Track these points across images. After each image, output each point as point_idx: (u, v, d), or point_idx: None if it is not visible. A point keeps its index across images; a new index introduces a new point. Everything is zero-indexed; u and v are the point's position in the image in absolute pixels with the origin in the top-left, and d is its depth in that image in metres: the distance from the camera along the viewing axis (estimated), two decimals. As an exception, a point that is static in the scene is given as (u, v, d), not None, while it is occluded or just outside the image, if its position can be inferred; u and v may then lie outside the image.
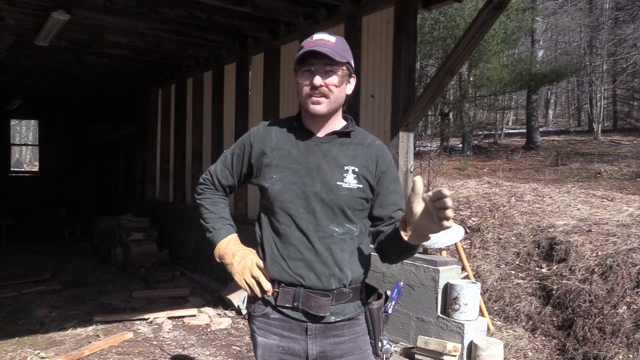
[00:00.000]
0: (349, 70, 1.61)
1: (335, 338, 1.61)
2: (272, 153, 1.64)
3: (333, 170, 1.58)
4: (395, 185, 1.67)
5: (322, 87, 1.55)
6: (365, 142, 1.66)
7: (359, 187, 1.58)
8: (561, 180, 10.54)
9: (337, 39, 1.60)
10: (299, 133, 1.65)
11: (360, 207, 1.61)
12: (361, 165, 1.60)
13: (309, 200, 1.58)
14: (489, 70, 13.22)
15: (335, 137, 1.63)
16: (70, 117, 11.62)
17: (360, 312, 1.65)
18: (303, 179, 1.59)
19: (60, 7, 4.46)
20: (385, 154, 1.67)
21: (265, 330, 1.64)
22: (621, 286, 4.01)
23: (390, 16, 4.03)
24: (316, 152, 1.61)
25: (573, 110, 24.93)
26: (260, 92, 5.63)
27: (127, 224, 7.41)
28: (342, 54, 1.56)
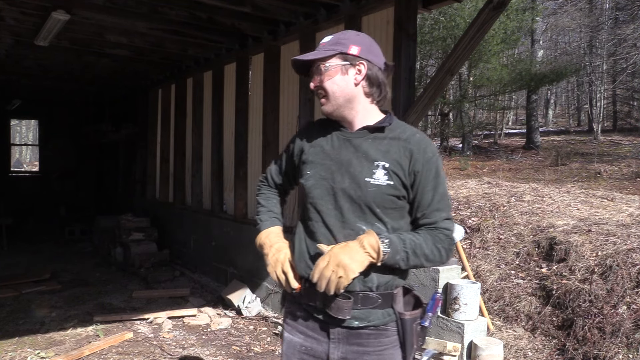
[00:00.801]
0: (346, 59, 1.54)
1: (359, 347, 1.54)
2: (310, 150, 1.65)
3: (363, 165, 1.53)
4: (435, 183, 1.54)
5: (316, 88, 1.57)
6: (402, 136, 1.56)
7: (389, 183, 1.50)
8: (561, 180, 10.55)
9: (335, 35, 1.61)
10: (334, 129, 1.64)
11: (392, 205, 1.53)
12: (393, 160, 1.52)
13: (337, 197, 1.54)
14: (489, 70, 13.23)
15: (367, 132, 1.58)
16: (70, 117, 11.62)
17: (390, 321, 1.55)
18: (333, 175, 1.56)
19: (60, 7, 4.46)
20: (424, 149, 1.54)
21: (292, 327, 1.66)
22: (621, 286, 4.01)
23: (390, 16, 4.03)
24: (348, 147, 1.58)
25: (573, 110, 24.93)
26: (260, 92, 5.63)
27: (127, 224, 7.41)
28: (327, 49, 1.55)
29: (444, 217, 1.54)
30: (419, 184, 1.52)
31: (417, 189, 1.53)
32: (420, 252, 1.48)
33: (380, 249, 1.42)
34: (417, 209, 1.55)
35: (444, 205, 1.54)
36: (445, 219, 1.54)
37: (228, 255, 6.02)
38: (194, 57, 6.65)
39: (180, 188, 7.66)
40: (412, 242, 1.48)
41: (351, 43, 1.56)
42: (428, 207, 1.53)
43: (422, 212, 1.54)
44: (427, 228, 1.53)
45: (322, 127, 1.67)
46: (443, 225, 1.53)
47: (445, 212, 1.54)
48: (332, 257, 1.43)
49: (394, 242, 1.46)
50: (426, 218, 1.54)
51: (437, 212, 1.53)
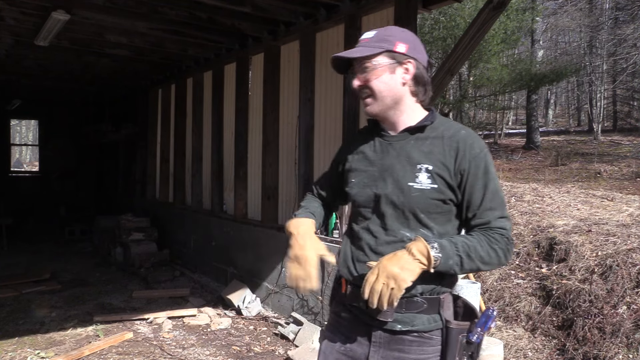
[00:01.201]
0: (393, 57, 1.47)
1: (400, 353, 1.49)
2: (352, 157, 1.62)
3: (405, 169, 1.47)
4: (485, 180, 1.45)
5: (361, 87, 1.50)
6: (446, 134, 1.49)
7: (433, 187, 1.43)
8: (561, 180, 10.55)
9: (379, 30, 1.52)
10: (376, 134, 1.59)
11: (438, 209, 1.46)
12: (437, 162, 1.45)
13: (380, 203, 1.50)
14: (489, 70, 13.22)
15: (409, 134, 1.52)
16: (70, 117, 11.62)
17: (435, 328, 1.47)
18: (376, 182, 1.52)
19: (60, 7, 4.46)
20: (470, 145, 1.45)
21: (335, 327, 1.64)
22: (621, 286, 4.01)
23: (390, 16, 4.03)
24: (390, 151, 1.53)
25: (573, 110, 24.93)
26: (260, 92, 5.63)
27: (127, 224, 7.41)
28: (374, 46, 1.47)
29: (497, 215, 1.44)
30: (468, 182, 1.44)
31: (466, 188, 1.45)
32: (475, 255, 1.39)
33: (430, 255, 1.35)
34: (468, 210, 1.46)
35: (496, 204, 1.45)
36: (499, 218, 1.44)
37: (228, 255, 6.01)
38: (194, 57, 6.65)
39: (180, 188, 7.66)
40: (465, 245, 1.39)
41: (397, 40, 1.48)
42: (479, 206, 1.44)
43: (473, 213, 1.45)
44: (480, 229, 1.45)
45: (365, 134, 1.64)
46: (497, 225, 1.44)
47: (498, 210, 1.45)
48: (381, 270, 1.35)
49: (445, 247, 1.38)
50: (478, 218, 1.45)
51: (490, 211, 1.44)
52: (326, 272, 4.34)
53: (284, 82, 5.36)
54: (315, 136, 4.86)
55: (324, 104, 4.78)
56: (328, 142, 4.74)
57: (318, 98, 4.83)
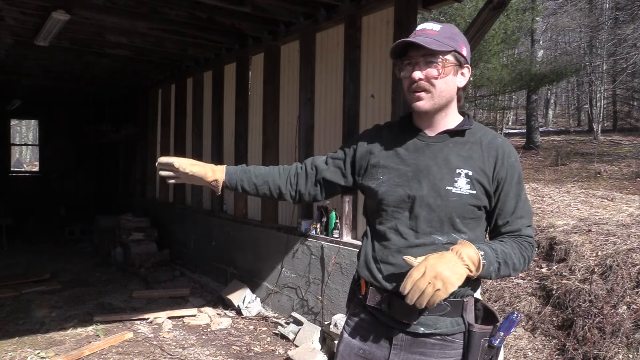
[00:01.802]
0: (458, 59, 1.46)
1: (421, 356, 1.47)
2: (380, 153, 1.56)
3: (443, 173, 1.44)
4: (518, 189, 1.48)
5: (421, 80, 1.43)
6: (484, 140, 1.48)
7: (471, 193, 1.42)
8: (561, 180, 10.55)
9: (444, 26, 1.47)
10: (409, 132, 1.54)
11: (472, 215, 1.45)
12: (476, 167, 1.44)
13: (414, 205, 1.46)
14: (489, 70, 13.21)
15: (447, 136, 1.50)
16: (70, 117, 11.63)
17: (458, 331, 1.46)
18: (410, 182, 1.47)
19: (60, 7, 4.46)
20: (507, 154, 1.47)
21: (354, 329, 1.61)
22: (621, 286, 4.01)
23: (390, 16, 4.03)
24: (426, 152, 1.49)
25: (573, 110, 24.93)
26: (260, 92, 5.63)
27: (127, 224, 7.41)
28: (445, 42, 1.42)
29: (526, 224, 1.49)
30: (503, 190, 1.46)
31: (500, 196, 1.46)
32: (510, 262, 1.42)
33: (480, 262, 1.34)
34: (499, 216, 1.48)
35: (526, 212, 1.49)
36: (527, 226, 1.49)
37: (228, 255, 6.01)
38: (194, 57, 6.65)
39: (180, 188, 7.66)
40: (503, 252, 1.41)
41: (462, 42, 1.48)
42: (512, 214, 1.47)
43: (505, 220, 1.48)
44: (510, 236, 1.47)
45: (395, 131, 1.59)
46: (526, 233, 1.48)
47: (527, 219, 1.49)
48: (429, 268, 1.30)
49: (488, 254, 1.37)
50: (509, 225, 1.47)
51: (520, 219, 1.47)
52: (326, 272, 4.34)
53: (284, 82, 5.36)
54: (315, 136, 4.86)
55: (324, 104, 4.78)
56: (328, 142, 4.74)
57: (318, 98, 4.83)
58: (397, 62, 1.50)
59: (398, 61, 1.49)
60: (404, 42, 1.43)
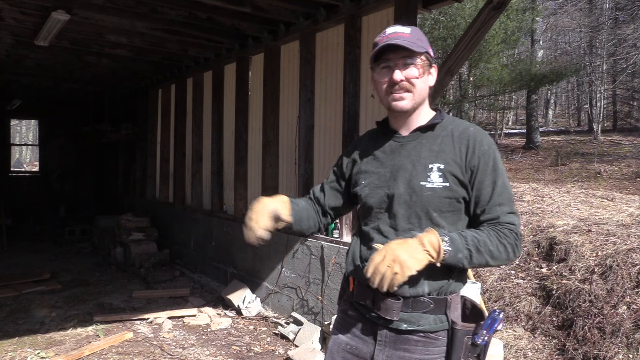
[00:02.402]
0: (429, 59, 1.52)
1: (405, 352, 1.49)
2: (362, 160, 1.63)
3: (417, 169, 1.49)
4: (493, 176, 1.46)
5: (402, 81, 1.48)
6: (455, 132, 1.51)
7: (444, 185, 1.45)
8: (561, 180, 10.55)
9: (412, 29, 1.52)
10: (385, 135, 1.61)
11: (450, 208, 1.47)
12: (448, 160, 1.47)
13: (392, 204, 1.51)
14: (489, 70, 13.22)
15: (420, 133, 1.54)
16: (70, 117, 11.63)
17: (442, 329, 1.48)
18: (388, 182, 1.53)
19: (60, 7, 4.46)
20: (479, 142, 1.48)
21: (342, 325, 1.65)
22: (621, 286, 4.01)
23: (390, 16, 4.03)
24: (401, 152, 1.54)
25: (573, 110, 24.93)
26: (260, 92, 5.63)
27: (127, 224, 7.41)
28: (419, 44, 1.48)
29: (506, 211, 1.45)
30: (477, 178, 1.46)
31: (475, 184, 1.46)
32: (484, 249, 1.40)
33: (441, 248, 1.36)
34: (477, 206, 1.47)
35: (505, 199, 1.46)
36: (508, 213, 1.45)
37: (228, 255, 6.01)
38: (194, 57, 6.64)
39: (180, 188, 7.66)
40: (475, 239, 1.40)
41: (428, 44, 1.54)
42: (489, 202, 1.45)
43: (482, 208, 1.46)
44: (489, 224, 1.45)
45: (373, 137, 1.65)
46: (506, 220, 1.44)
47: (507, 206, 1.46)
48: (389, 253, 1.34)
49: (455, 240, 1.38)
50: (487, 214, 1.45)
51: (499, 206, 1.45)
52: (326, 272, 4.34)
53: (284, 82, 5.36)
54: (315, 136, 4.86)
55: (324, 104, 4.78)
56: (328, 142, 4.74)
57: (318, 98, 4.83)
58: (374, 65, 1.53)
59: (374, 65, 1.52)
60: (387, 45, 1.46)
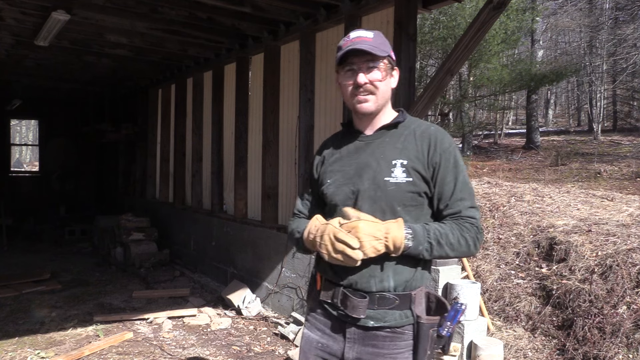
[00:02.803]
0: (391, 63, 1.59)
1: (373, 348, 1.53)
2: (329, 160, 1.68)
3: (381, 166, 1.54)
4: (455, 172, 1.53)
5: (366, 84, 1.54)
6: (417, 131, 1.58)
7: (408, 180, 1.50)
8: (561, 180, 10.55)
9: (375, 33, 1.59)
10: (350, 135, 1.67)
11: (413, 202, 1.52)
12: (411, 156, 1.53)
13: (358, 199, 1.55)
14: (489, 70, 13.22)
15: (384, 132, 1.61)
16: (70, 117, 11.63)
17: (407, 323, 1.53)
18: (352, 179, 1.57)
19: (60, 7, 4.46)
20: (440, 140, 1.55)
21: (312, 324, 1.68)
22: (621, 286, 4.01)
23: (390, 16, 4.03)
24: (366, 150, 1.60)
25: (573, 110, 24.93)
26: (260, 92, 5.63)
27: (127, 224, 7.41)
28: (381, 48, 1.54)
29: (467, 205, 1.52)
30: (439, 175, 1.52)
31: (437, 180, 1.52)
32: (445, 242, 1.46)
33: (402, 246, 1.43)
34: (440, 201, 1.53)
35: (466, 194, 1.53)
36: (469, 207, 1.52)
37: (228, 255, 6.01)
38: (194, 57, 6.64)
39: (180, 188, 7.66)
40: (437, 232, 1.47)
41: (390, 47, 1.61)
42: (451, 197, 1.52)
43: (445, 203, 1.52)
44: (452, 218, 1.51)
45: (339, 138, 1.71)
46: (468, 214, 1.51)
47: (468, 200, 1.52)
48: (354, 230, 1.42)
49: (418, 233, 1.45)
50: (450, 209, 1.52)
51: (461, 201, 1.51)
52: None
53: (284, 82, 5.36)
54: (315, 136, 4.86)
55: (324, 104, 4.77)
56: (328, 142, 4.73)
57: (318, 98, 4.83)
58: (339, 69, 1.59)
59: (339, 68, 1.58)
60: (352, 49, 1.51)
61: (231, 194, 6.21)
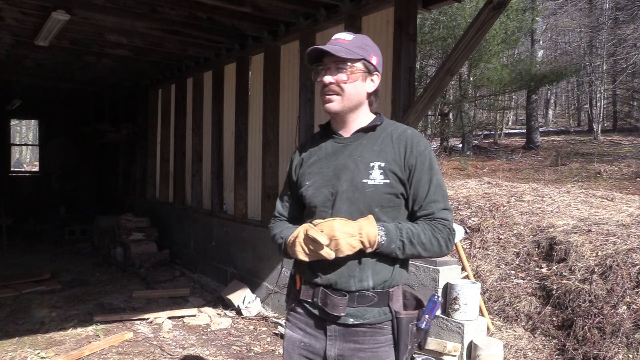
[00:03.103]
0: (367, 67, 1.60)
1: (355, 344, 1.57)
2: (307, 162, 1.70)
3: (359, 168, 1.57)
4: (430, 174, 1.57)
5: (332, 84, 1.57)
6: (394, 134, 1.61)
7: (385, 182, 1.54)
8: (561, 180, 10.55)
9: (356, 36, 1.61)
10: (327, 137, 1.69)
11: (390, 204, 1.56)
12: (388, 159, 1.56)
13: (336, 201, 1.58)
14: (489, 70, 13.22)
15: (362, 134, 1.63)
16: (70, 117, 11.63)
17: (386, 320, 1.57)
18: (331, 181, 1.60)
19: (60, 7, 4.46)
20: (416, 143, 1.58)
21: (293, 324, 1.71)
22: (621, 286, 4.01)
23: (390, 16, 4.03)
24: (344, 152, 1.62)
25: (573, 110, 24.94)
26: (260, 92, 5.63)
27: (127, 224, 7.41)
28: (354, 51, 1.56)
29: (441, 207, 1.56)
30: (415, 177, 1.56)
31: (413, 182, 1.56)
32: (417, 241, 1.51)
33: (376, 241, 1.48)
34: (414, 202, 1.57)
35: (440, 197, 1.57)
36: (442, 209, 1.56)
37: (228, 255, 6.01)
38: (194, 57, 6.65)
39: (180, 188, 7.66)
40: (410, 232, 1.51)
41: (372, 52, 1.62)
42: (425, 199, 1.56)
43: (419, 205, 1.57)
44: (425, 219, 1.56)
45: (317, 139, 1.74)
46: (440, 216, 1.55)
47: (441, 202, 1.56)
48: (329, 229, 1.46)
49: (391, 232, 1.50)
50: (423, 210, 1.56)
51: (434, 203, 1.56)
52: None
53: (284, 82, 5.36)
54: (315, 136, 4.85)
55: (324, 104, 4.76)
56: (328, 142, 4.73)
57: (318, 98, 4.83)
58: (313, 67, 1.63)
59: (314, 66, 1.62)
60: (318, 49, 1.57)
61: (231, 194, 6.21)
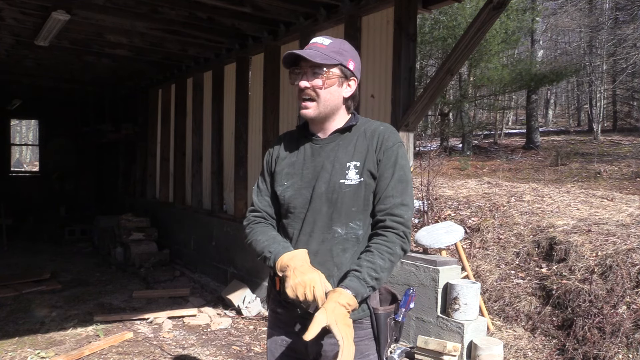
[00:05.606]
0: (344, 72, 1.59)
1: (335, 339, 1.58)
2: (283, 161, 1.70)
3: (336, 169, 1.59)
4: (394, 169, 1.57)
5: (307, 89, 1.57)
6: (367, 131, 1.63)
7: (360, 180, 1.56)
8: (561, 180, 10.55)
9: (334, 41, 1.60)
10: (305, 138, 1.69)
11: (366, 201, 1.58)
12: (362, 157, 1.58)
13: (315, 203, 1.59)
14: (489, 70, 13.22)
15: (338, 135, 1.64)
16: (70, 117, 11.63)
17: (364, 316, 1.61)
18: (310, 183, 1.61)
19: (60, 7, 4.46)
20: (386, 138, 1.59)
21: (274, 323, 1.73)
22: (621, 286, 4.01)
23: (390, 16, 4.03)
24: (321, 154, 1.63)
25: (573, 110, 24.94)
26: (260, 92, 5.63)
27: (127, 224, 7.41)
28: (330, 56, 1.55)
29: (398, 202, 1.55)
30: (379, 171, 1.57)
31: (378, 177, 1.58)
32: (380, 270, 1.51)
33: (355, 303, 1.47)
34: (376, 196, 1.58)
35: (398, 192, 1.56)
36: (399, 205, 1.55)
37: (228, 255, 6.02)
38: (194, 57, 6.65)
39: (180, 188, 7.67)
40: (370, 269, 1.50)
41: (350, 57, 1.61)
42: (384, 192, 1.56)
43: (378, 198, 1.58)
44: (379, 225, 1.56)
45: (293, 139, 1.73)
46: (394, 212, 1.55)
47: (399, 197, 1.55)
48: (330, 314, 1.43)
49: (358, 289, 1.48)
50: (381, 204, 1.57)
51: (392, 197, 1.55)
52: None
53: (284, 82, 5.36)
54: (315, 136, 4.86)
55: (324, 104, 4.77)
56: (328, 142, 4.73)
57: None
58: (291, 70, 1.62)
59: (291, 70, 1.62)
60: (293, 54, 1.56)
61: (231, 194, 6.21)
